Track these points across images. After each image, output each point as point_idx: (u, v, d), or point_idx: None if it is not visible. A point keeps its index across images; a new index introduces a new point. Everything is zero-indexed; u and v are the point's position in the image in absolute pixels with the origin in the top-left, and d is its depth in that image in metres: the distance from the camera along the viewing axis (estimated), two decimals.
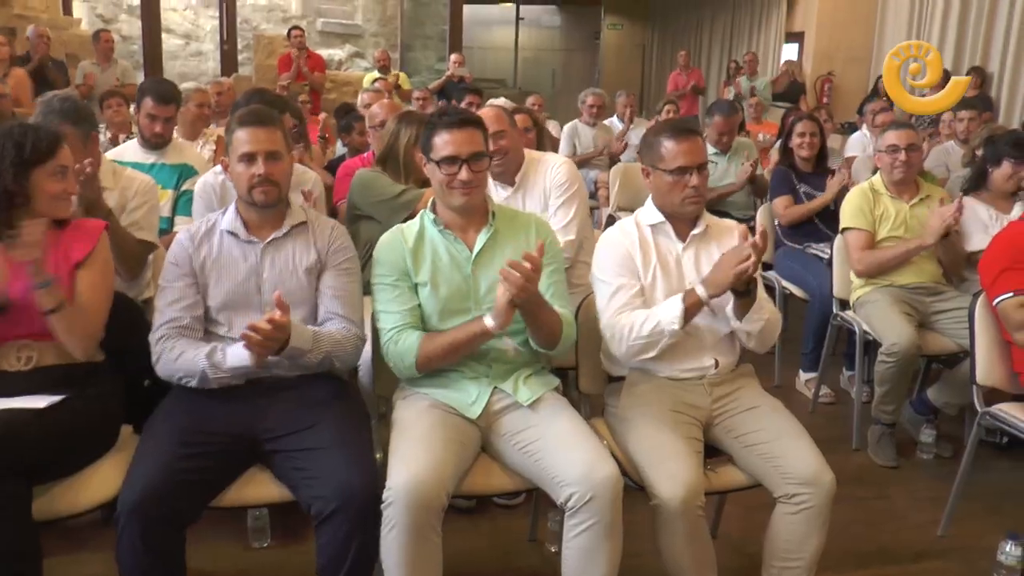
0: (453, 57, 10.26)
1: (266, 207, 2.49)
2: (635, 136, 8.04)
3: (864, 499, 3.45)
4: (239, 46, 11.99)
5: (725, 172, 5.45)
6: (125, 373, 2.55)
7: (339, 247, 2.57)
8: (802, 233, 4.62)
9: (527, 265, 2.14)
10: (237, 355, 2.31)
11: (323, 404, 2.38)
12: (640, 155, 2.72)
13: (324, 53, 13.31)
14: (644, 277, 2.57)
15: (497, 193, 3.51)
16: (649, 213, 2.65)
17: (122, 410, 2.49)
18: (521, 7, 21.39)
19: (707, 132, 5.54)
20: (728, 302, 2.52)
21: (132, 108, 5.06)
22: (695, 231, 2.62)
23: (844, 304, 4.03)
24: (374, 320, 2.51)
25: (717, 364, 2.59)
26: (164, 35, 13.46)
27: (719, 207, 5.31)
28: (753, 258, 2.30)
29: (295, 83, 9.19)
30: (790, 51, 12.84)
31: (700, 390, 2.57)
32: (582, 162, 6.98)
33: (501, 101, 5.33)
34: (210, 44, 13.41)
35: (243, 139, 2.45)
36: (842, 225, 3.93)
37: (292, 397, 2.38)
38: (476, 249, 2.47)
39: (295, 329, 2.29)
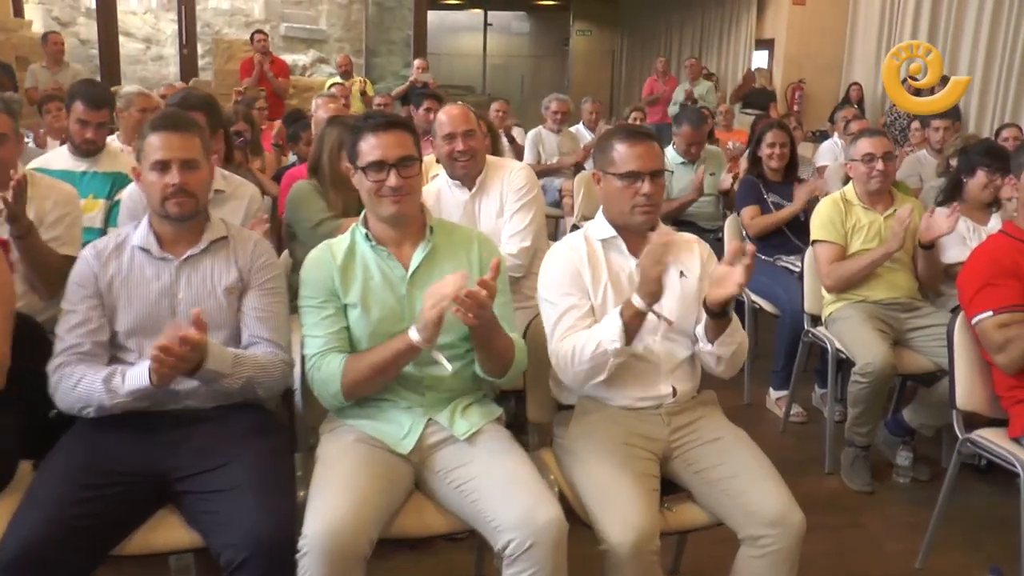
0: (417, 62, 10.03)
1: (181, 220, 2.27)
2: None
3: (836, 527, 3.25)
4: (200, 51, 11.70)
5: (692, 183, 5.25)
6: (25, 403, 2.28)
7: (263, 264, 2.36)
8: (772, 245, 4.44)
9: (482, 293, 1.94)
10: (136, 376, 2.07)
11: (242, 439, 2.15)
12: (593, 159, 2.52)
13: (288, 58, 13.04)
14: (594, 296, 2.35)
15: (454, 195, 3.36)
16: (600, 227, 2.44)
17: (19, 445, 2.24)
18: (489, 13, 21.27)
19: (675, 141, 5.34)
20: (697, 324, 2.33)
21: (132, 108, 4.79)
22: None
23: (816, 320, 3.85)
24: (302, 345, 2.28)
25: (675, 392, 2.38)
26: (124, 39, 13.16)
27: (684, 217, 5.13)
28: (739, 279, 2.09)
29: (254, 88, 8.94)
30: (760, 58, 12.74)
31: (656, 420, 2.35)
32: (545, 172, 6.77)
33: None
34: (171, 48, 13.09)
35: (156, 145, 2.23)
36: (812, 237, 3.75)
37: (208, 431, 2.15)
38: (412, 267, 2.25)
39: (212, 349, 2.06)
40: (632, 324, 2.18)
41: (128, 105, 4.69)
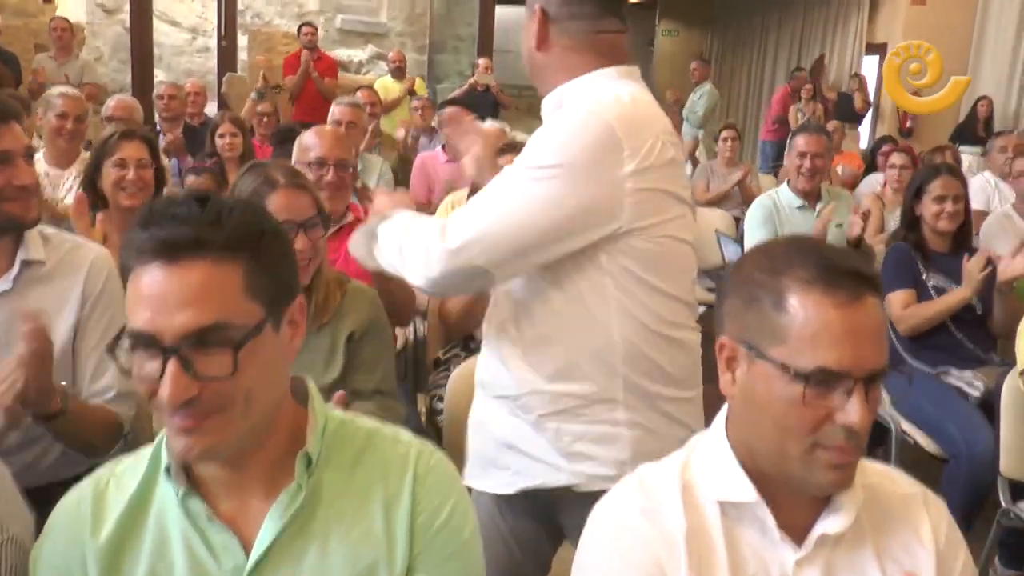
0: (480, 62, 8.85)
1: None
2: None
3: None
4: (244, 43, 10.66)
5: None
6: None
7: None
8: (934, 348, 3.08)
9: None
10: None
11: None
12: (721, 311, 1.22)
13: (343, 53, 11.98)
14: None
15: None
16: (719, 470, 1.20)
17: None
18: None
19: (789, 174, 4.04)
20: None
21: (50, 114, 3.71)
22: (828, 526, 1.17)
23: (1019, 488, 2.51)
24: None
25: None
26: (169, 28, 12.26)
27: None
28: None
29: (275, 90, 7.83)
30: (870, 64, 11.21)
31: None
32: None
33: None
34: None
35: None
36: (1022, 365, 2.40)
37: None
38: (258, 549, 1.10)
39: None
40: None
41: (48, 110, 3.60)
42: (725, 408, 1.24)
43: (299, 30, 8.66)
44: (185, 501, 1.11)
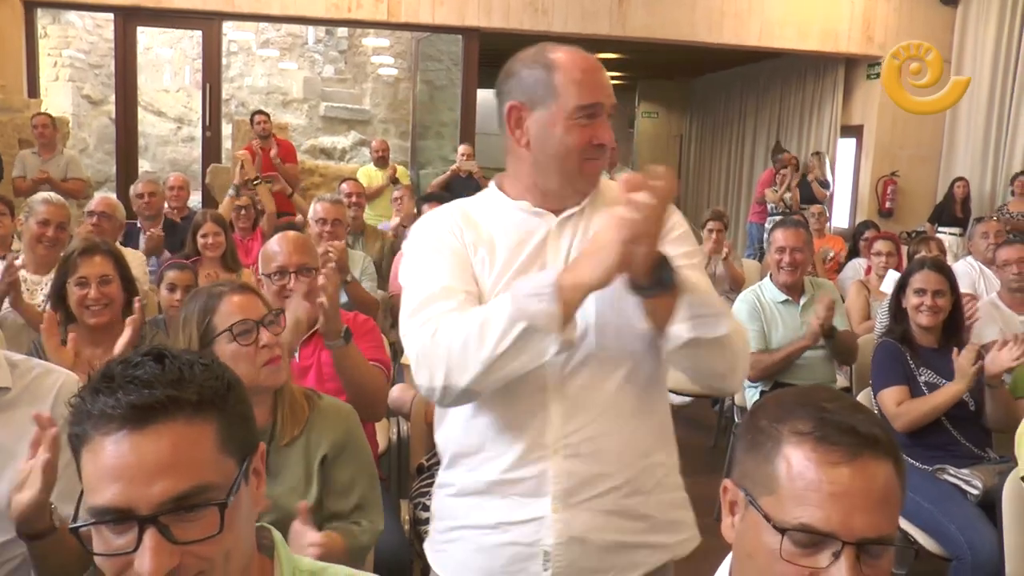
0: (460, 149, 8.90)
1: None
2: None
3: None
4: (228, 132, 10.71)
5: (800, 327, 3.88)
6: None
7: None
8: (929, 445, 3.03)
9: None
10: None
11: None
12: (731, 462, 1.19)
13: (327, 141, 12.10)
14: None
15: None
16: None
17: None
18: None
19: (771, 270, 4.03)
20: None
21: (31, 220, 3.67)
22: None
23: None
24: None
25: None
26: (155, 119, 12.37)
27: (786, 378, 3.76)
28: None
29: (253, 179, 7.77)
30: (846, 146, 11.37)
31: None
32: None
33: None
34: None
35: None
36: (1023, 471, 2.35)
37: None
38: None
39: None
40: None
41: (30, 215, 3.57)
42: (730, 555, 1.19)
43: (252, 119, 8.48)
44: None
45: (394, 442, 3.31)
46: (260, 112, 8.45)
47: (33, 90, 9.76)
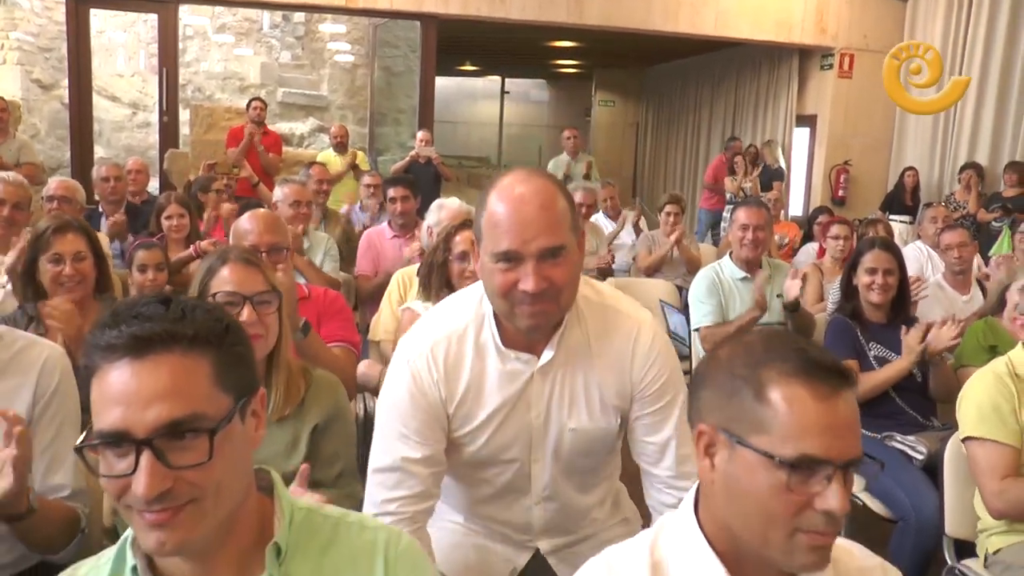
0: (419, 134, 8.92)
1: None
2: (625, 234, 6.65)
3: None
4: (185, 117, 10.61)
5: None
6: None
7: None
8: (880, 416, 3.15)
9: None
10: None
11: None
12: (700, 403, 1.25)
13: (284, 127, 12.01)
14: None
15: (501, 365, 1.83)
16: (692, 554, 1.25)
17: None
18: (507, 81, 20.40)
19: (731, 246, 4.15)
20: None
21: None
22: None
23: (963, 547, 2.57)
24: None
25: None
26: (109, 104, 12.19)
27: None
28: None
29: (228, 163, 7.81)
30: (801, 136, 11.58)
31: None
32: None
33: (453, 203, 3.94)
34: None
35: None
36: (963, 431, 2.47)
37: None
38: None
39: None
40: None
41: None
42: (693, 489, 1.27)
43: (248, 104, 8.59)
44: None
45: (361, 417, 3.36)
46: (257, 99, 8.58)
47: None
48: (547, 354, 1.74)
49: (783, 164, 10.81)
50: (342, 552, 1.18)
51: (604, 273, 5.30)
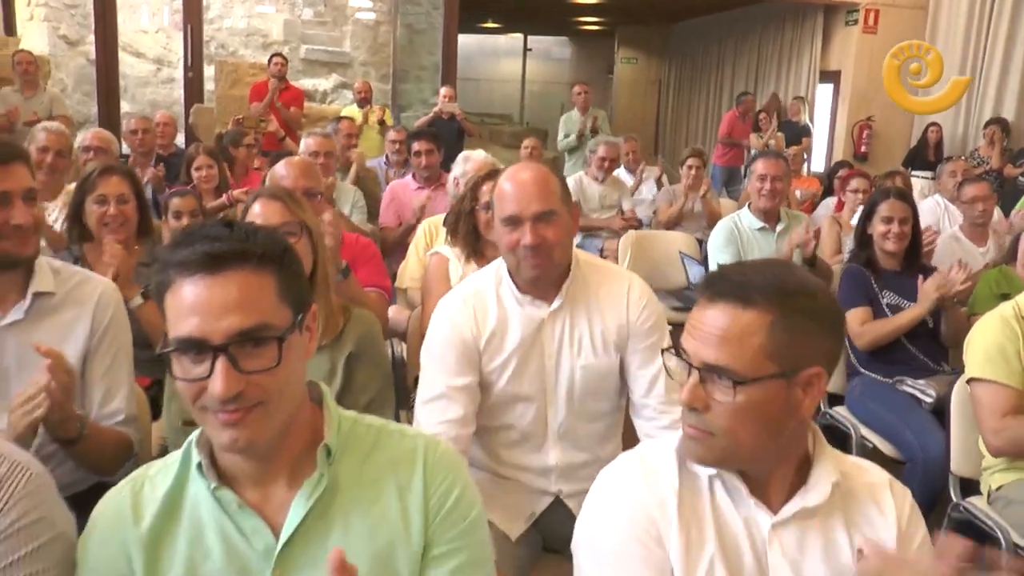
0: (442, 91, 8.98)
1: None
2: (647, 189, 6.73)
3: None
4: (210, 73, 10.69)
5: (775, 254, 4.08)
6: None
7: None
8: (891, 362, 3.25)
9: None
10: None
11: None
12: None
13: (308, 83, 12.05)
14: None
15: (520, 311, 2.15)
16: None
17: None
18: (529, 38, 20.32)
19: (751, 198, 4.22)
20: None
21: (32, 147, 3.78)
22: (806, 500, 1.37)
23: (968, 485, 2.68)
24: None
25: None
26: (134, 60, 12.27)
27: None
28: None
29: (255, 118, 7.92)
30: (824, 92, 11.54)
31: None
32: (587, 229, 5.66)
33: (479, 155, 4.01)
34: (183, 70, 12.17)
35: None
36: (969, 372, 2.56)
37: None
38: (286, 532, 1.22)
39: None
40: None
41: (31, 143, 3.68)
42: None
43: (269, 60, 8.74)
44: (216, 493, 1.23)
45: (389, 361, 3.49)
46: (278, 55, 8.73)
47: (9, 28, 9.72)
48: (557, 302, 2.12)
49: (809, 121, 10.79)
50: (384, 456, 1.30)
51: (631, 228, 5.43)
